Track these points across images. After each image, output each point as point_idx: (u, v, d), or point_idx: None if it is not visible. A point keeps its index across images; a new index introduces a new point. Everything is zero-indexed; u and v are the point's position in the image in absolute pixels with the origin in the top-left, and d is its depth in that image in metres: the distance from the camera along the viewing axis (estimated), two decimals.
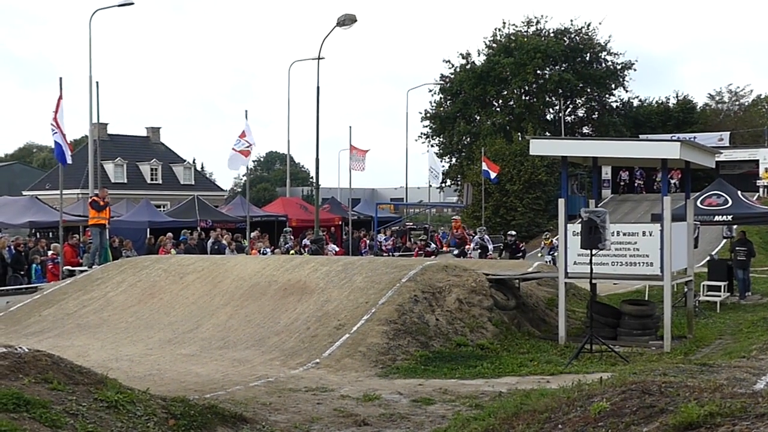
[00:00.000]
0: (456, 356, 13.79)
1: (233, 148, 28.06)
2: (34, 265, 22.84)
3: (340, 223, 42.34)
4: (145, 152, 67.36)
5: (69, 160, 21.94)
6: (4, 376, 7.74)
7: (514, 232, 32.44)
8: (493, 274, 17.39)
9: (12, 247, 23.40)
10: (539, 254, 34.18)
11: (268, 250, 29.11)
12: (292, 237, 33.63)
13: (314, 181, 34.67)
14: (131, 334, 15.59)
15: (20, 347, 8.75)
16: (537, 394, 7.50)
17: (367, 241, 36.21)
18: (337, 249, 34.26)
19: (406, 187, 52.19)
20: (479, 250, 29.15)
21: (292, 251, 29.86)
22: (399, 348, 13.77)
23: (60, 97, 21.22)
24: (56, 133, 21.11)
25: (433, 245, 36.21)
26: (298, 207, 45.90)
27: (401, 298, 15.05)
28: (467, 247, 30.84)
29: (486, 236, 30.63)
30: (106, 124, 62.35)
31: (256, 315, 15.70)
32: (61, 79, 21.41)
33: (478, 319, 15.40)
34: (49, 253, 23.67)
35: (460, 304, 15.51)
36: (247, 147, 27.87)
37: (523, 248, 31.38)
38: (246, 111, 29.56)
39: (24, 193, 56.06)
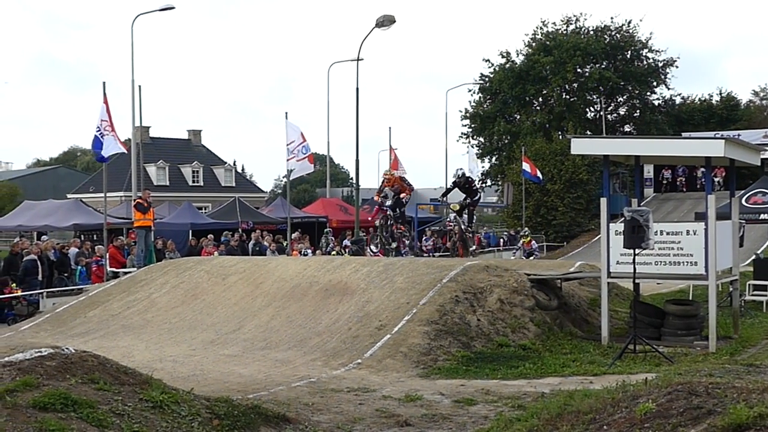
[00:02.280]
0: (498, 357, 13.72)
1: (295, 159, 27.85)
2: (79, 267, 23.14)
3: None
4: (187, 155, 67.97)
5: (120, 149, 22.03)
6: (52, 377, 7.85)
7: (527, 229, 32.38)
8: (534, 273, 17.28)
9: (57, 249, 23.72)
10: (513, 255, 33.02)
11: (309, 251, 29.21)
12: (332, 238, 33.73)
13: (354, 181, 34.72)
14: (175, 335, 15.74)
15: (67, 348, 8.87)
16: (581, 395, 7.44)
17: (406, 242, 36.11)
18: (377, 250, 34.23)
19: (446, 187, 52.05)
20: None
21: (333, 252, 29.95)
22: (440, 348, 13.74)
23: (105, 101, 21.48)
24: (107, 131, 21.32)
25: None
26: (338, 208, 46.06)
27: (442, 299, 15.01)
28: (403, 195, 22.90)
29: (534, 243, 29.76)
30: (149, 128, 63.07)
31: (298, 316, 15.77)
32: (104, 83, 21.75)
33: (520, 319, 15.31)
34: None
35: (501, 304, 15.44)
36: (305, 152, 27.66)
37: (536, 248, 30.26)
38: (286, 113, 29.74)
39: (68, 196, 56.89)
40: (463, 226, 20.92)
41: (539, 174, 42.35)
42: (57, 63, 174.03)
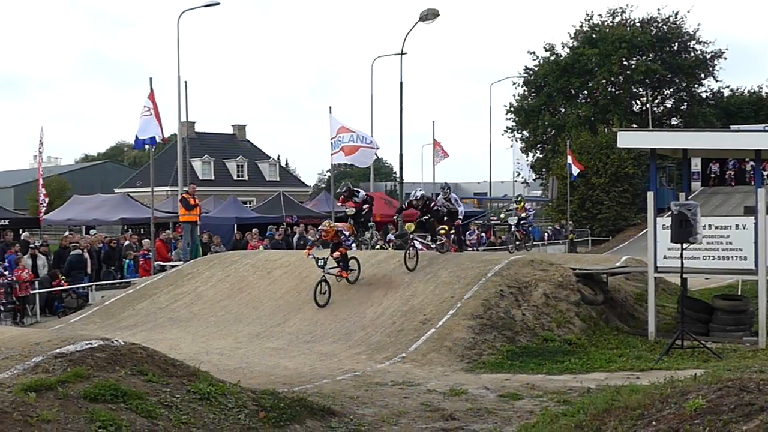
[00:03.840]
0: (543, 351, 13.66)
1: (361, 145, 27.82)
2: (126, 261, 23.44)
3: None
4: (232, 149, 68.44)
5: (158, 133, 22.19)
6: (102, 368, 7.97)
7: (521, 195, 31.01)
8: (580, 268, 17.16)
9: (105, 243, 24.06)
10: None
11: (354, 245, 29.21)
12: (376, 232, 33.72)
13: (398, 175, 34.72)
14: (221, 328, 15.90)
15: (116, 340, 9.01)
16: (628, 391, 7.36)
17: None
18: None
19: (490, 182, 51.84)
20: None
21: (377, 246, 29.94)
22: (485, 343, 13.71)
23: (151, 95, 21.71)
24: (148, 114, 21.54)
25: None
26: (382, 202, 46.03)
27: (487, 293, 14.98)
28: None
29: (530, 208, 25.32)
30: (194, 123, 63.55)
31: (343, 309, 15.83)
32: (151, 79, 21.95)
33: (566, 314, 15.22)
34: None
35: (546, 298, 15.36)
36: (351, 142, 27.59)
37: (531, 213, 26.03)
38: (330, 107, 29.82)
39: (116, 190, 57.68)
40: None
41: (575, 170, 41.84)
42: (105, 60, 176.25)
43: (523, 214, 23.69)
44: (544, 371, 12.35)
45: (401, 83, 31.25)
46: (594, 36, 56.12)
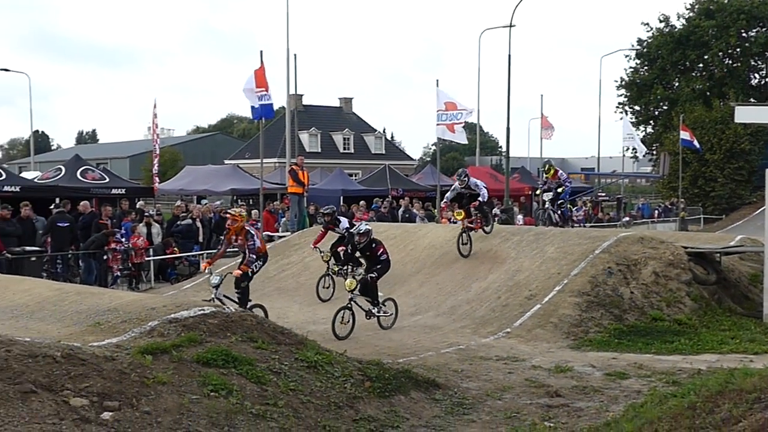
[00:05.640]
0: (651, 331, 13.38)
1: (457, 121, 27.94)
2: None
3: (529, 192, 41.84)
4: (338, 122, 69.03)
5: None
6: (214, 334, 8.22)
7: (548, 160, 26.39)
8: (692, 247, 16.68)
9: (216, 212, 24.65)
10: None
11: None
12: None
13: (504, 150, 34.40)
14: (327, 300, 16.10)
15: (228, 307, 9.25)
16: (741, 373, 7.14)
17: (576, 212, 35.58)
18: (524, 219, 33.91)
19: (598, 157, 50.85)
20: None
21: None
22: (592, 320, 13.52)
23: (261, 68, 22.05)
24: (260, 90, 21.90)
25: None
26: (488, 176, 45.67)
27: (594, 270, 14.73)
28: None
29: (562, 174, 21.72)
30: (302, 96, 64.37)
31: (447, 283, 15.84)
32: (261, 52, 22.30)
33: (676, 293, 14.84)
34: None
35: (656, 277, 15.00)
36: (451, 120, 27.59)
37: (565, 180, 21.62)
38: (437, 80, 29.74)
39: (226, 161, 58.97)
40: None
41: (697, 143, 40.65)
42: (215, 33, 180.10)
43: (560, 189, 20.78)
44: (652, 351, 12.11)
45: (509, 56, 30.92)
46: (711, 7, 54.15)
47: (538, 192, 22.38)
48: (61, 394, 6.48)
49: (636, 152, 51.45)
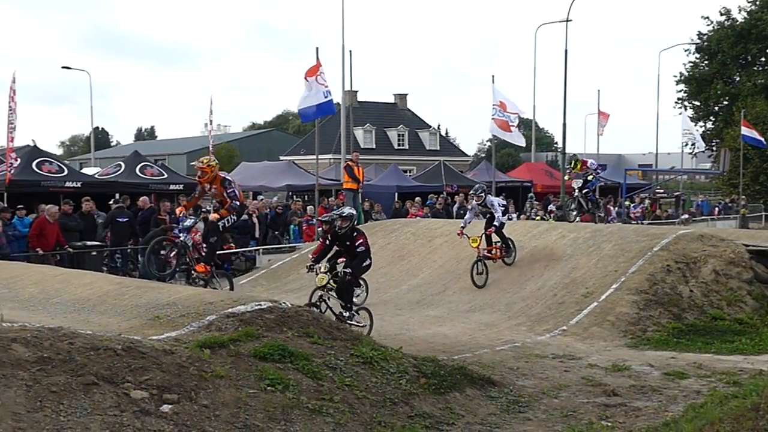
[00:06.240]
0: (711, 330, 13.16)
1: (513, 125, 27.98)
2: (292, 226, 24.14)
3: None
4: (393, 118, 69.08)
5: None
6: (271, 329, 8.28)
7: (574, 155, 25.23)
8: (753, 244, 16.34)
9: (272, 209, 24.85)
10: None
11: (514, 215, 29.04)
12: (537, 202, 33.36)
13: (560, 146, 34.09)
14: (381, 294, 16.14)
15: (284, 302, 9.33)
16: None
17: (612, 209, 35.21)
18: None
19: (656, 153, 50.10)
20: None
21: (536, 217, 29.65)
22: (650, 319, 13.33)
23: (318, 65, 22.13)
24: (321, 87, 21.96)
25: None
26: (543, 173, 45.41)
27: (653, 268, 14.52)
28: None
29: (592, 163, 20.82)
30: (356, 92, 64.54)
31: (503, 280, 15.76)
32: (317, 48, 22.37)
33: (737, 292, 14.57)
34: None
35: (716, 275, 14.74)
36: (504, 117, 27.57)
37: (595, 166, 20.79)
38: (493, 76, 29.58)
39: (281, 158, 59.37)
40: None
41: (762, 138, 39.83)
42: (271, 30, 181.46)
43: (590, 177, 19.98)
44: (712, 351, 11.90)
45: (566, 51, 30.74)
46: None
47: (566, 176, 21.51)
48: (121, 387, 6.59)
49: (695, 148, 50.60)
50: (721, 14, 55.47)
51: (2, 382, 6.12)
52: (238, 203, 12.04)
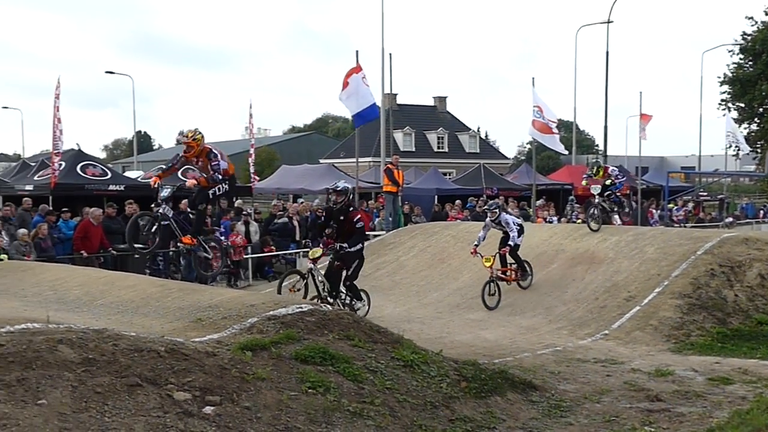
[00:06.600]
0: (757, 335, 12.94)
1: (554, 132, 27.97)
2: None
3: (627, 192, 40.97)
4: (432, 121, 69.07)
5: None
6: (312, 332, 8.32)
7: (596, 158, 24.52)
8: None
9: (313, 211, 24.94)
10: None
11: (554, 218, 28.86)
12: (578, 206, 33.06)
13: (601, 148, 33.82)
14: (421, 298, 16.17)
15: (324, 305, 9.35)
16: None
17: (655, 212, 34.84)
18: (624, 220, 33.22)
19: (700, 155, 49.52)
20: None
21: (577, 220, 29.38)
22: (693, 323, 13.17)
23: (358, 68, 22.20)
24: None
25: None
26: (584, 176, 45.00)
27: (696, 271, 14.35)
28: None
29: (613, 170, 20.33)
30: (396, 95, 64.61)
31: (544, 283, 15.67)
32: (357, 51, 22.44)
33: None
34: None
35: (762, 279, 14.52)
36: (544, 120, 27.50)
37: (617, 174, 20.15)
38: (533, 78, 29.47)
39: (321, 161, 59.62)
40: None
41: None
42: (311, 33, 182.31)
43: (608, 182, 19.35)
44: (758, 356, 11.70)
45: (607, 53, 30.47)
46: None
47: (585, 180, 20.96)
48: (165, 388, 6.65)
49: (739, 150, 49.84)
50: (766, 14, 54.60)
51: (48, 383, 6.22)
52: (220, 176, 11.54)
